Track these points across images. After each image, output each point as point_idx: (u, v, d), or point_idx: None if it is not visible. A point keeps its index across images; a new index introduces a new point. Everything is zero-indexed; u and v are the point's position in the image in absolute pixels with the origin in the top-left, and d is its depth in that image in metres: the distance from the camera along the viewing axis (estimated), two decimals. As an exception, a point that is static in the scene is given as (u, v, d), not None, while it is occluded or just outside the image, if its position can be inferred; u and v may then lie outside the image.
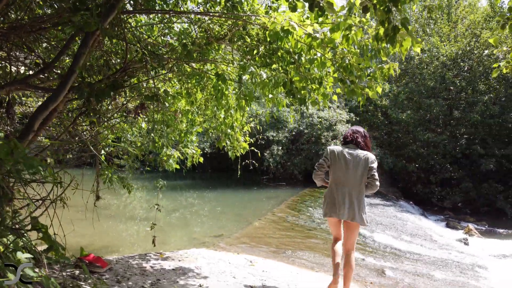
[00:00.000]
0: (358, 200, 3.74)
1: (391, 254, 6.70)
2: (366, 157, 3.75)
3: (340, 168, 3.76)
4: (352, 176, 3.73)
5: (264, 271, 4.57)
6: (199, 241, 6.47)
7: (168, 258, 4.55)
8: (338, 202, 3.75)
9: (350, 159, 3.74)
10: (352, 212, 3.70)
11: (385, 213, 10.60)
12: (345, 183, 3.75)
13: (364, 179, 3.76)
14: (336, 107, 14.85)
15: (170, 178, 18.92)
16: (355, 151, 3.77)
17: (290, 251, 5.91)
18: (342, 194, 3.74)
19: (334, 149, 3.84)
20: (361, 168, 3.73)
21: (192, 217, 9.30)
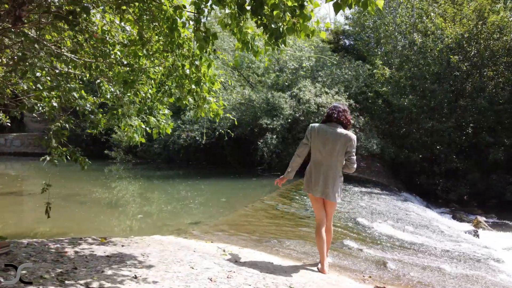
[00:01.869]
0: (334, 179, 3.79)
1: (393, 245, 5.83)
2: (346, 137, 3.73)
3: (319, 146, 3.77)
4: (329, 154, 3.75)
5: (238, 261, 3.73)
6: (172, 228, 5.64)
7: (109, 243, 3.71)
8: (315, 179, 3.82)
9: (330, 138, 3.73)
10: (326, 191, 3.78)
11: (386, 203, 9.74)
12: (322, 160, 3.78)
13: (342, 159, 3.77)
14: (335, 93, 13.94)
15: (162, 169, 18.16)
16: (336, 130, 3.74)
17: (276, 240, 5.06)
18: (319, 172, 3.79)
19: (315, 127, 3.85)
20: (340, 147, 3.72)
21: (176, 205, 8.48)
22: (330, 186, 3.77)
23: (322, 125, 3.86)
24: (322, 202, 3.96)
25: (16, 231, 5.58)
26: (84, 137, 23.54)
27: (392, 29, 15.83)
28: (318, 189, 3.80)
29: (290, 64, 14.65)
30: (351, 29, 23.41)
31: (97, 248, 3.46)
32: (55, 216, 6.70)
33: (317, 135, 3.80)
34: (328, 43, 23.30)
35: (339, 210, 7.84)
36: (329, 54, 16.47)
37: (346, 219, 7.08)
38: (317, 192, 3.81)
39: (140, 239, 4.02)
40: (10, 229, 5.70)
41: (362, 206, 8.83)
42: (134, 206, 8.13)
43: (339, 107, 3.90)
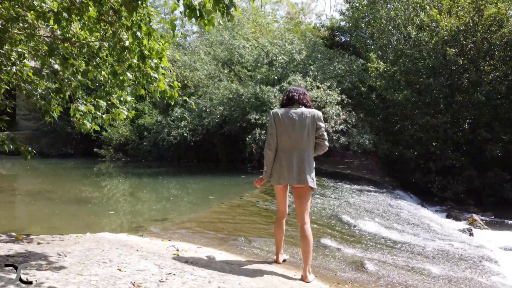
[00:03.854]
0: (308, 163, 3.52)
1: (377, 244, 5.35)
2: (313, 114, 3.50)
3: (286, 131, 3.52)
4: (299, 137, 3.50)
5: (188, 262, 3.25)
6: (135, 225, 5.15)
7: (22, 240, 3.23)
8: (287, 166, 3.52)
9: (296, 119, 3.49)
10: (303, 176, 3.48)
11: (375, 200, 9.25)
12: (293, 145, 3.52)
13: (312, 139, 3.53)
14: (327, 88, 13.45)
15: (152, 167, 17.70)
16: (300, 110, 3.52)
17: (244, 238, 4.57)
18: (290, 158, 3.52)
19: (277, 112, 3.58)
20: (308, 127, 3.48)
21: (154, 202, 8.01)
22: (306, 170, 3.48)
23: (284, 109, 3.58)
24: (287, 193, 3.79)
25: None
26: (74, 135, 23.14)
27: (386, 23, 15.33)
28: (292, 176, 3.49)
29: (280, 58, 14.15)
30: (346, 25, 22.95)
31: (3, 246, 2.98)
32: (3, 213, 6.25)
33: (283, 120, 3.53)
34: (324, 39, 22.89)
35: (323, 207, 7.36)
36: (322, 48, 15.98)
37: (329, 216, 6.60)
38: (292, 179, 3.50)
39: (73, 237, 3.54)
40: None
41: (350, 203, 8.35)
42: (109, 202, 7.66)
43: (299, 89, 3.70)
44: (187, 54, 19.51)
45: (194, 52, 19.48)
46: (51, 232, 4.14)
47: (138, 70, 3.26)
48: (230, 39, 14.96)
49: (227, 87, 13.68)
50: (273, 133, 3.60)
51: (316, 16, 29.28)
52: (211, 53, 17.38)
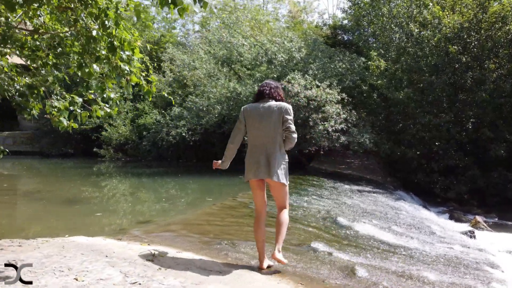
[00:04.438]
0: (277, 157, 3.49)
1: (371, 248, 5.10)
2: (279, 107, 3.49)
3: (254, 125, 3.54)
4: (266, 131, 3.50)
5: (161, 269, 3.03)
6: (118, 227, 4.93)
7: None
8: (256, 161, 3.53)
9: (263, 113, 3.51)
10: (271, 170, 3.46)
11: (375, 202, 8.99)
12: (261, 140, 3.53)
13: (280, 133, 3.50)
14: (327, 86, 13.18)
15: (152, 167, 17.53)
16: (267, 103, 3.53)
17: (229, 242, 4.33)
18: (259, 152, 3.53)
19: (247, 107, 3.66)
20: (275, 120, 3.47)
21: (146, 203, 7.83)
22: (274, 164, 3.47)
23: (254, 104, 3.64)
24: (264, 190, 3.72)
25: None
26: (75, 135, 23.00)
27: (388, 20, 15.03)
28: (260, 170, 3.50)
29: (279, 56, 13.90)
30: (349, 24, 22.65)
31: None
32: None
33: (251, 114, 3.57)
34: (326, 38, 22.62)
35: (319, 209, 7.12)
36: (322, 47, 15.71)
37: (324, 218, 6.35)
38: (260, 173, 3.50)
39: (38, 241, 3.32)
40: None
41: (348, 204, 8.10)
42: (100, 203, 7.47)
43: (271, 83, 3.70)
44: (187, 53, 19.32)
45: (194, 51, 19.28)
46: (26, 236, 3.93)
47: (107, 62, 3.04)
48: (228, 37, 14.74)
49: (224, 86, 13.45)
50: (240, 128, 3.64)
51: (318, 15, 28.99)
52: (211, 51, 17.17)
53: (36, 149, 25.73)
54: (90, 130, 22.12)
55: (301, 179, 11.06)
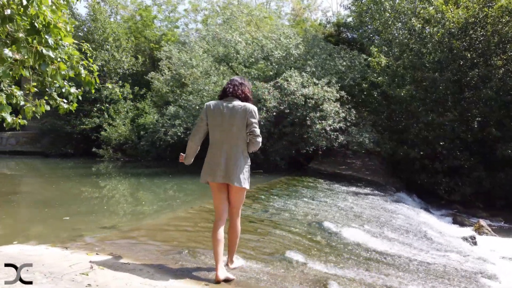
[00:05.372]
0: (237, 159, 3.37)
1: (356, 257, 4.63)
2: (244, 109, 3.34)
3: (216, 124, 3.39)
4: (228, 132, 3.35)
5: (89, 286, 2.61)
6: (75, 234, 4.53)
7: None
8: (215, 162, 3.38)
9: (226, 113, 3.36)
10: (229, 173, 3.33)
11: (371, 205, 8.50)
12: (221, 140, 3.38)
13: (243, 135, 3.38)
14: (325, 84, 12.71)
15: (150, 166, 17.20)
16: (231, 103, 3.39)
17: (190, 250, 3.91)
18: (219, 154, 3.37)
19: (210, 104, 3.48)
20: (238, 122, 3.33)
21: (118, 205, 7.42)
22: (233, 167, 3.32)
23: (217, 102, 3.48)
24: (226, 193, 3.48)
25: None
26: (74, 135, 22.82)
27: (391, 15, 14.49)
28: (219, 173, 3.33)
29: (276, 53, 13.46)
30: (353, 21, 22.10)
31: None
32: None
33: (213, 113, 3.40)
34: (330, 36, 22.12)
35: (306, 212, 6.66)
36: (322, 43, 15.22)
37: (309, 223, 5.89)
38: (218, 176, 3.33)
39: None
40: None
41: (340, 207, 7.63)
42: (74, 206, 7.09)
43: (235, 80, 3.55)
44: (187, 51, 18.97)
45: (193, 50, 18.93)
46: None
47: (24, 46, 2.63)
48: (222, 33, 14.33)
49: (218, 84, 13.05)
50: (201, 126, 3.48)
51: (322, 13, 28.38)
52: (209, 49, 16.79)
53: (38, 149, 25.67)
54: (90, 130, 21.92)
55: (295, 180, 10.60)
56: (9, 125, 3.77)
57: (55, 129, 23.25)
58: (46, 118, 24.68)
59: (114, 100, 22.23)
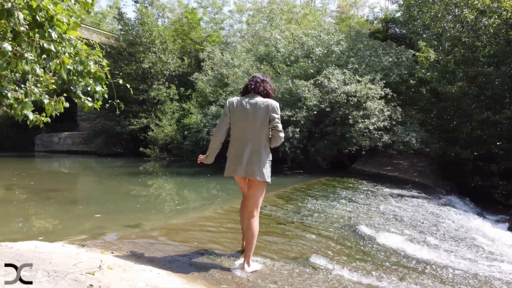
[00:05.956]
0: (259, 155, 3.42)
1: (391, 265, 4.25)
2: (266, 105, 3.43)
3: (239, 120, 3.48)
4: (251, 128, 3.43)
5: (91, 286, 2.51)
6: (97, 232, 4.52)
7: None
8: (237, 157, 3.47)
9: (249, 109, 3.44)
10: (251, 168, 3.40)
11: (415, 208, 7.95)
12: (244, 136, 3.46)
13: (266, 131, 3.44)
14: (369, 81, 12.16)
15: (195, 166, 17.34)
16: (254, 100, 3.47)
17: (208, 252, 3.74)
18: (242, 149, 3.45)
19: (233, 101, 3.57)
20: (261, 117, 3.41)
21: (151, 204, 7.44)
22: (255, 162, 3.39)
23: (240, 98, 3.55)
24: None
25: None
26: (124, 135, 23.66)
27: (440, 8, 13.60)
28: (240, 168, 3.42)
29: (317, 50, 13.07)
30: (401, 16, 21.12)
31: None
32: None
33: (236, 109, 3.48)
34: (377, 33, 21.33)
35: (341, 215, 6.31)
36: (366, 39, 14.61)
37: (343, 226, 5.55)
38: (239, 170, 3.42)
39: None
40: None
41: (380, 211, 7.18)
42: (108, 204, 7.21)
43: (257, 77, 3.63)
44: (230, 52, 19.01)
45: (236, 50, 18.94)
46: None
47: (25, 40, 2.57)
48: (260, 31, 14.13)
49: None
50: (225, 122, 3.55)
51: (369, 9, 27.44)
52: (251, 48, 16.68)
53: (92, 149, 26.89)
54: (138, 130, 22.61)
55: (336, 181, 10.19)
56: (32, 122, 3.80)
57: (106, 129, 24.21)
58: (98, 119, 25.87)
59: (161, 101, 22.81)
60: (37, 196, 7.57)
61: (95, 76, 3.10)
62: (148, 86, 23.34)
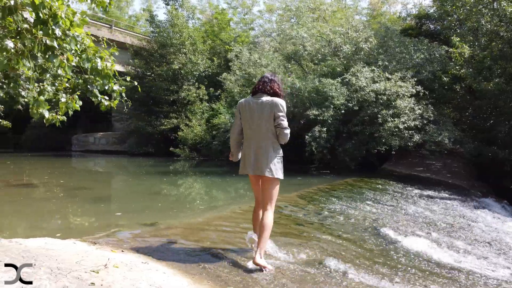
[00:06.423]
0: (266, 152, 3.52)
1: (414, 270, 4.03)
2: (271, 103, 3.51)
3: (247, 120, 3.60)
4: (257, 126, 3.54)
5: (92, 285, 2.48)
6: (112, 229, 4.53)
7: None
8: (247, 156, 3.62)
9: (255, 108, 3.55)
10: (259, 165, 3.52)
11: (446, 210, 7.60)
12: (252, 134, 3.59)
13: (272, 128, 3.52)
14: (399, 79, 11.76)
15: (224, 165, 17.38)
16: (260, 99, 3.56)
17: (219, 252, 3.66)
18: (250, 147, 3.59)
19: (242, 101, 3.71)
20: (266, 116, 3.51)
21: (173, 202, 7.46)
22: (263, 159, 3.50)
23: (248, 98, 3.69)
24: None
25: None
26: (155, 135, 24.07)
27: (476, 1, 12.97)
28: (249, 166, 3.58)
29: (344, 48, 12.78)
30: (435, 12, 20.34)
31: None
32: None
33: (245, 109, 3.62)
34: (409, 29, 20.68)
35: (364, 216, 6.09)
36: (396, 36, 14.15)
37: (365, 228, 5.34)
38: (249, 169, 3.58)
39: None
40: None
41: (407, 213, 6.89)
42: (131, 202, 7.28)
43: (265, 77, 3.70)
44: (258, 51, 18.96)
45: (264, 49, 18.84)
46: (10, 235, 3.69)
47: (28, 37, 2.57)
48: (286, 29, 13.95)
49: (283, 81, 12.70)
50: (236, 122, 3.72)
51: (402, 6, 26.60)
52: (279, 47, 16.54)
53: (124, 148, 27.53)
54: (169, 130, 22.95)
55: (363, 182, 9.91)
56: (48, 121, 3.85)
57: (138, 130, 24.72)
58: (130, 119, 26.48)
59: (191, 102, 23.05)
60: (63, 193, 7.77)
61: (102, 74, 3.09)
62: (178, 87, 23.65)
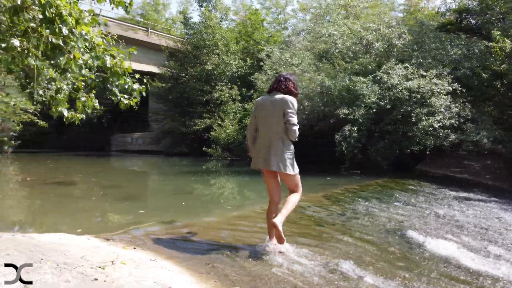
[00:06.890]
0: (276, 148, 3.64)
1: (438, 275, 3.81)
2: (282, 100, 3.63)
3: (262, 117, 3.74)
4: (270, 123, 3.67)
5: (95, 281, 2.51)
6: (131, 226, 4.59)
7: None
8: (258, 151, 3.77)
9: (269, 105, 3.68)
10: (268, 160, 3.65)
11: (480, 213, 7.19)
12: (265, 131, 3.72)
13: (282, 125, 3.63)
14: (434, 76, 11.30)
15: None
16: (273, 97, 3.69)
17: (231, 252, 3.61)
18: (262, 143, 3.74)
19: (259, 99, 3.86)
20: (277, 113, 3.63)
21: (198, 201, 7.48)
22: (272, 155, 3.65)
23: (263, 97, 3.84)
24: (276, 178, 3.88)
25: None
26: (189, 135, 24.46)
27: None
28: (259, 160, 3.76)
29: (376, 45, 12.43)
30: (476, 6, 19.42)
31: None
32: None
33: (260, 107, 3.78)
34: (448, 24, 19.89)
35: (390, 217, 5.86)
36: (432, 31, 13.60)
37: (389, 230, 5.14)
38: (259, 163, 3.76)
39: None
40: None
41: (438, 215, 6.58)
42: (158, 200, 7.39)
43: (281, 76, 3.85)
44: (290, 51, 18.82)
45: (295, 48, 18.68)
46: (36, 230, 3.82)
47: (34, 36, 2.61)
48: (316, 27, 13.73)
49: (312, 80, 12.52)
50: (252, 121, 3.89)
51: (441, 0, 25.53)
52: (310, 46, 16.34)
53: (161, 148, 28.15)
54: (202, 130, 23.25)
55: (394, 183, 9.58)
56: (68, 119, 3.94)
57: (172, 130, 25.21)
58: (165, 120, 27.06)
59: (224, 102, 23.25)
60: (92, 192, 7.99)
61: (112, 71, 3.13)
62: (211, 88, 23.91)
